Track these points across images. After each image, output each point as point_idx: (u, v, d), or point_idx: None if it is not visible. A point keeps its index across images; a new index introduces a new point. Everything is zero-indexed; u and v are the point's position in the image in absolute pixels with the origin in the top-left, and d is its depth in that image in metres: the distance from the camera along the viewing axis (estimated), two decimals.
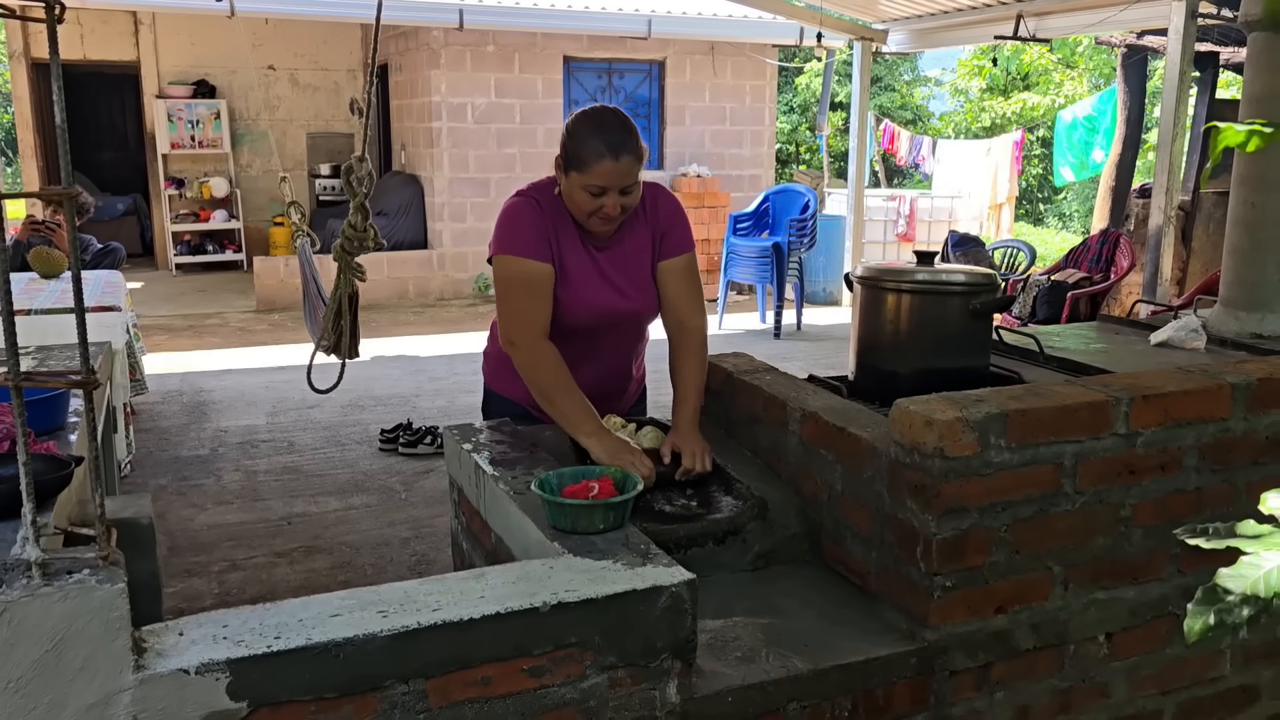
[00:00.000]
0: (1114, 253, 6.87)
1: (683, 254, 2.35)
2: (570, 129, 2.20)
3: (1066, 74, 16.87)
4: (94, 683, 1.26)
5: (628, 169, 2.16)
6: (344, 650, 1.36)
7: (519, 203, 2.28)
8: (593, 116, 2.20)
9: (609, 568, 1.59)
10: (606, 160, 2.13)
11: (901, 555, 1.81)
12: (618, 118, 2.21)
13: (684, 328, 2.32)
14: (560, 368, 2.16)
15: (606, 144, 2.13)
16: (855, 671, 1.72)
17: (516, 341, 2.20)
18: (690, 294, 2.35)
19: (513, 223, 2.25)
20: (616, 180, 2.15)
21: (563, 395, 2.13)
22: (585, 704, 1.52)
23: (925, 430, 1.73)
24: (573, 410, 2.11)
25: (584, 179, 2.16)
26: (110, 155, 12.50)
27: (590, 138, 2.15)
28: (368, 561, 3.88)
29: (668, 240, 2.34)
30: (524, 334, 2.20)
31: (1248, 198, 2.85)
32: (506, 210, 2.29)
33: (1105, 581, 1.92)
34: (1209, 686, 2.11)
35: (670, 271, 2.34)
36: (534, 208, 2.25)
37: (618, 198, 2.18)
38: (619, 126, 2.17)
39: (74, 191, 1.22)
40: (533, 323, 2.20)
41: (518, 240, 2.23)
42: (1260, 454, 2.02)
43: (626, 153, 2.14)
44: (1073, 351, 2.71)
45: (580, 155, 2.15)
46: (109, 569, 1.28)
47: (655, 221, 2.33)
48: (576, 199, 2.19)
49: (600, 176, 2.14)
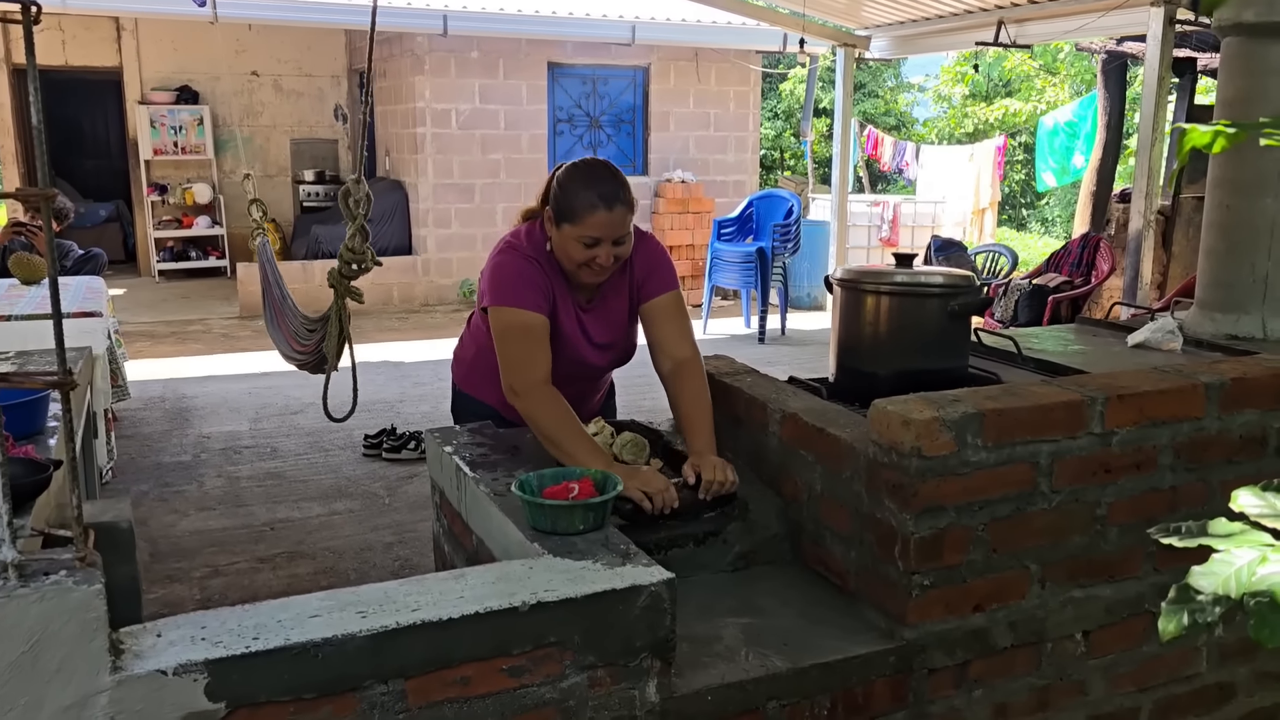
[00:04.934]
0: (1094, 257, 6.93)
1: (667, 292, 2.34)
2: (560, 181, 2.20)
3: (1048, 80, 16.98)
4: (71, 684, 1.25)
5: (621, 219, 2.16)
6: (323, 650, 1.36)
7: (517, 258, 2.26)
8: (583, 169, 2.21)
9: (588, 568, 1.60)
10: (600, 211, 2.14)
11: (880, 554, 1.82)
12: (608, 169, 2.22)
13: (677, 361, 2.29)
14: (566, 413, 2.11)
15: (600, 195, 2.14)
16: (834, 670, 1.73)
17: (519, 390, 2.16)
18: (679, 330, 2.33)
19: (513, 275, 2.23)
20: (610, 231, 2.16)
21: (570, 440, 2.06)
22: (565, 703, 1.52)
23: (902, 430, 1.74)
24: (582, 454, 2.03)
25: (577, 230, 2.16)
26: (93, 162, 12.43)
27: (582, 190, 2.15)
28: (351, 566, 3.87)
29: (649, 283, 2.34)
30: (526, 382, 2.15)
31: (1223, 200, 2.88)
32: (503, 263, 2.26)
33: (1082, 580, 1.94)
34: (1185, 684, 2.13)
35: (656, 311, 2.33)
36: (533, 264, 2.24)
37: (611, 248, 2.18)
38: (610, 178, 2.18)
39: (50, 193, 1.22)
40: (534, 371, 2.16)
41: (517, 292, 2.20)
42: (1234, 453, 2.04)
43: (620, 203, 2.15)
44: (1051, 353, 2.73)
45: (573, 207, 2.15)
46: (86, 570, 1.28)
47: (633, 272, 2.33)
48: (569, 250, 2.19)
49: (594, 228, 2.14)
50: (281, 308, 4.80)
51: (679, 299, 2.36)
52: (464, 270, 9.83)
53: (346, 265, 3.02)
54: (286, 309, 4.74)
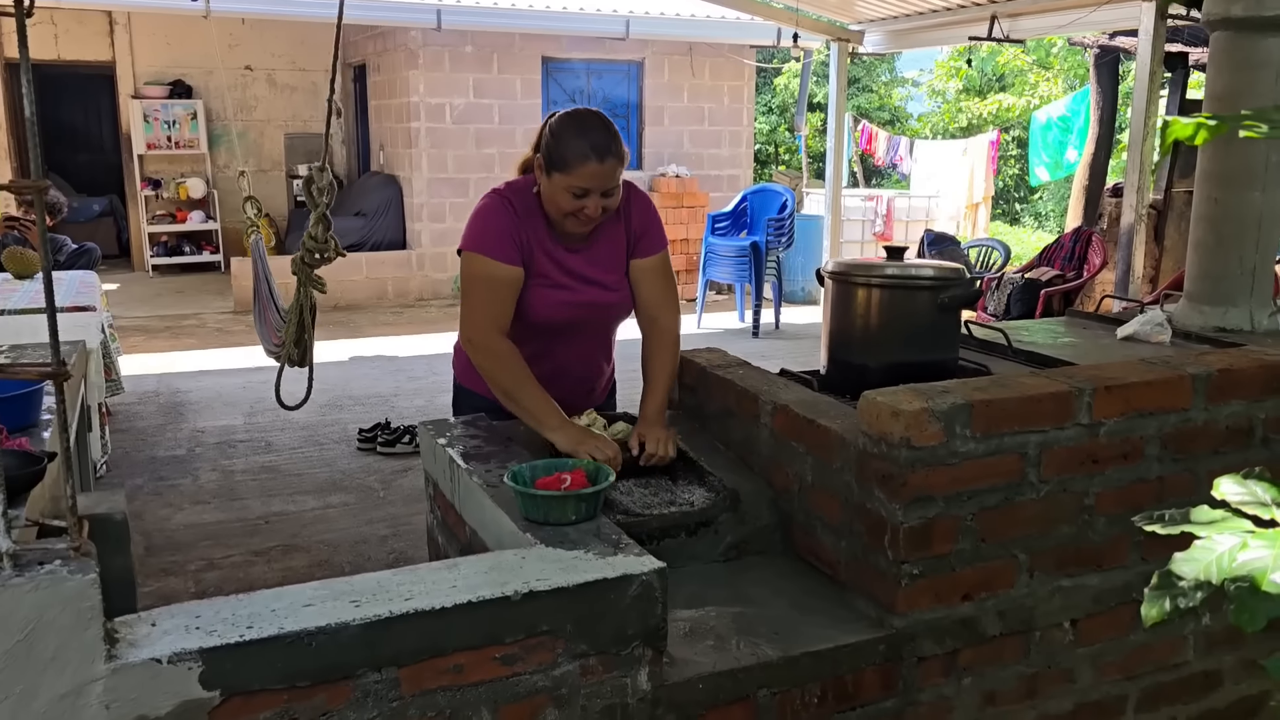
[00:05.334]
0: (1086, 251, 6.95)
1: (657, 253, 2.38)
2: (553, 129, 2.21)
3: (1041, 75, 17.00)
4: (66, 673, 1.26)
5: (611, 171, 2.18)
6: (316, 639, 1.37)
7: (492, 203, 2.29)
8: (576, 118, 2.22)
9: (580, 557, 1.61)
10: (591, 162, 2.15)
11: (870, 544, 1.84)
12: (601, 120, 2.22)
13: (657, 324, 2.35)
14: (518, 364, 2.17)
15: (591, 146, 2.15)
16: (825, 658, 1.75)
17: (473, 339, 2.22)
18: (664, 292, 2.38)
19: (484, 222, 2.27)
20: (600, 182, 2.17)
21: (523, 391, 2.14)
22: (557, 691, 1.54)
23: (892, 421, 1.76)
24: (535, 405, 2.12)
25: (567, 180, 2.17)
26: (86, 156, 12.40)
27: (575, 139, 2.16)
28: (345, 559, 3.88)
29: (643, 241, 2.37)
30: (480, 331, 2.22)
31: (1211, 194, 2.90)
32: (480, 208, 2.30)
33: (1070, 569, 1.96)
34: (1172, 672, 2.15)
35: (645, 270, 2.37)
36: (507, 209, 2.27)
37: (600, 200, 2.19)
38: (603, 129, 2.19)
39: (43, 184, 1.23)
40: (490, 321, 2.21)
41: (487, 240, 2.24)
42: (1221, 443, 2.06)
43: (611, 155, 2.16)
44: (1040, 345, 2.75)
45: (564, 156, 2.16)
46: (81, 560, 1.29)
47: (629, 221, 2.36)
48: (558, 200, 2.20)
49: (584, 178, 2.16)
50: (268, 303, 4.89)
51: (667, 260, 2.41)
52: (458, 265, 9.81)
53: (310, 254, 3.03)
54: (272, 304, 4.82)
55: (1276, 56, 2.69)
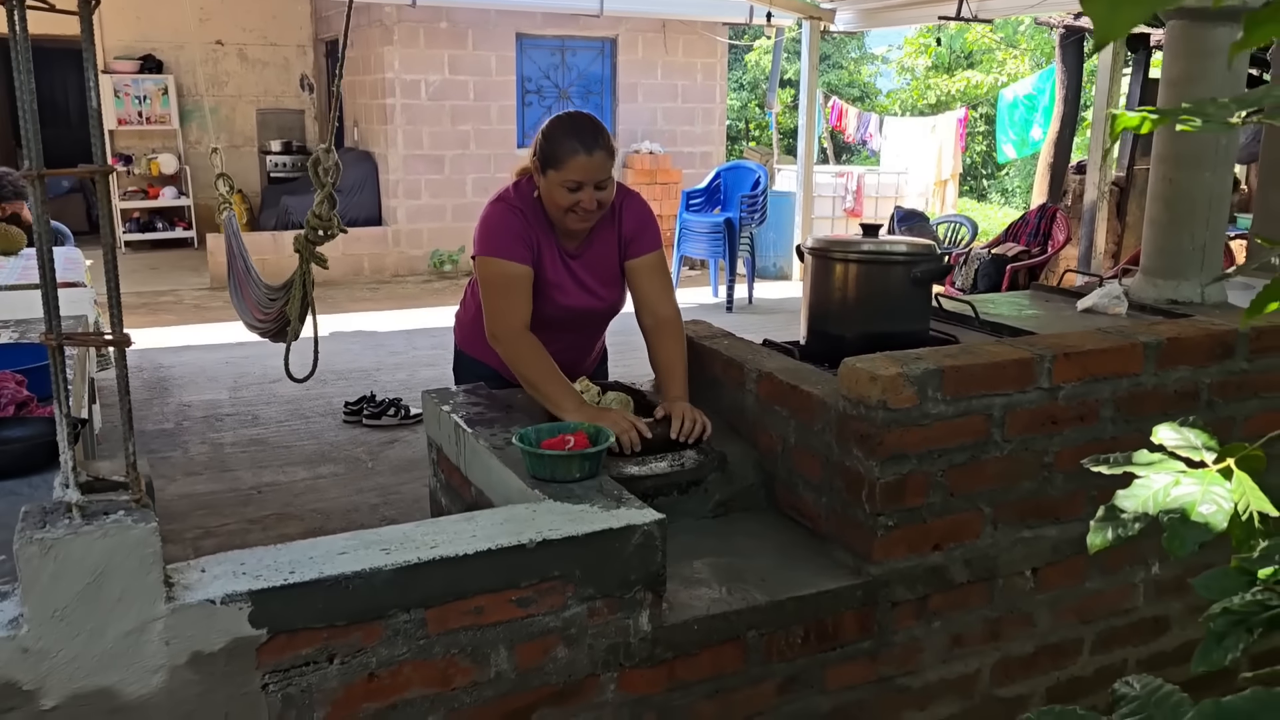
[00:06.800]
0: (1051, 227, 7.15)
1: (652, 252, 2.52)
2: (545, 132, 2.37)
3: (1009, 53, 17.23)
4: (130, 612, 1.40)
5: (601, 163, 2.32)
6: (353, 583, 1.51)
7: (500, 209, 2.42)
8: (565, 119, 2.38)
9: (587, 510, 1.76)
10: (581, 155, 2.29)
11: (848, 499, 2.00)
12: (589, 118, 2.38)
13: (659, 318, 2.47)
14: (543, 357, 2.30)
15: (580, 141, 2.30)
16: (807, 603, 1.91)
17: (499, 335, 2.35)
18: (661, 288, 2.51)
19: (496, 226, 2.40)
20: (591, 174, 2.31)
21: (547, 382, 2.26)
22: (567, 631, 1.69)
23: (870, 385, 1.92)
24: (557, 394, 2.23)
25: (560, 175, 2.31)
26: (53, 131, 12.25)
27: (564, 138, 2.31)
28: (339, 527, 4.00)
29: (637, 241, 2.50)
30: (506, 329, 2.34)
31: (1167, 174, 3.08)
32: (488, 215, 2.43)
33: (1030, 520, 2.13)
34: (1124, 617, 2.34)
35: (641, 269, 2.50)
36: (516, 214, 2.40)
37: (593, 192, 2.33)
38: (590, 125, 2.35)
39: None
40: (514, 318, 2.34)
41: (501, 242, 2.37)
42: (1169, 406, 2.24)
43: (599, 148, 2.31)
44: (1006, 317, 2.92)
45: (556, 154, 2.31)
46: (142, 510, 1.42)
47: (621, 226, 2.49)
48: (555, 196, 2.34)
49: (576, 171, 2.30)
50: (245, 279, 4.95)
51: (663, 258, 2.54)
52: (434, 241, 9.90)
53: (313, 231, 3.15)
54: (250, 280, 4.88)
55: (1227, 45, 2.86)
